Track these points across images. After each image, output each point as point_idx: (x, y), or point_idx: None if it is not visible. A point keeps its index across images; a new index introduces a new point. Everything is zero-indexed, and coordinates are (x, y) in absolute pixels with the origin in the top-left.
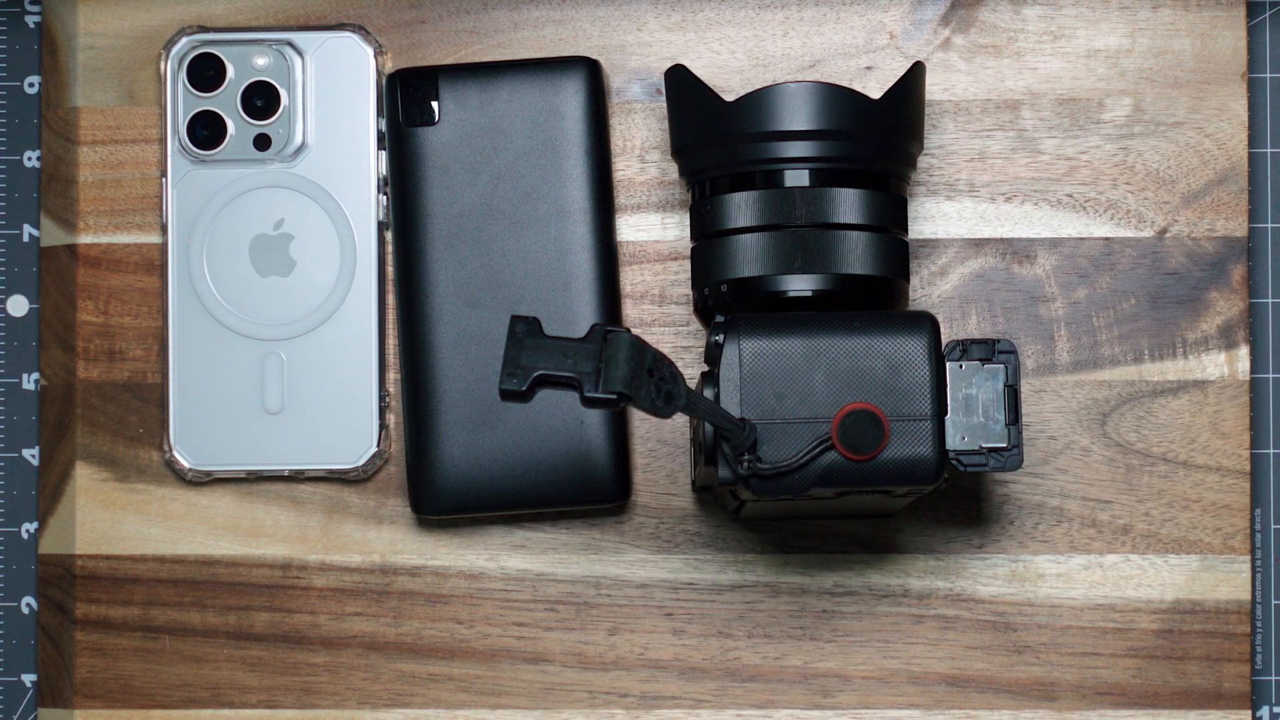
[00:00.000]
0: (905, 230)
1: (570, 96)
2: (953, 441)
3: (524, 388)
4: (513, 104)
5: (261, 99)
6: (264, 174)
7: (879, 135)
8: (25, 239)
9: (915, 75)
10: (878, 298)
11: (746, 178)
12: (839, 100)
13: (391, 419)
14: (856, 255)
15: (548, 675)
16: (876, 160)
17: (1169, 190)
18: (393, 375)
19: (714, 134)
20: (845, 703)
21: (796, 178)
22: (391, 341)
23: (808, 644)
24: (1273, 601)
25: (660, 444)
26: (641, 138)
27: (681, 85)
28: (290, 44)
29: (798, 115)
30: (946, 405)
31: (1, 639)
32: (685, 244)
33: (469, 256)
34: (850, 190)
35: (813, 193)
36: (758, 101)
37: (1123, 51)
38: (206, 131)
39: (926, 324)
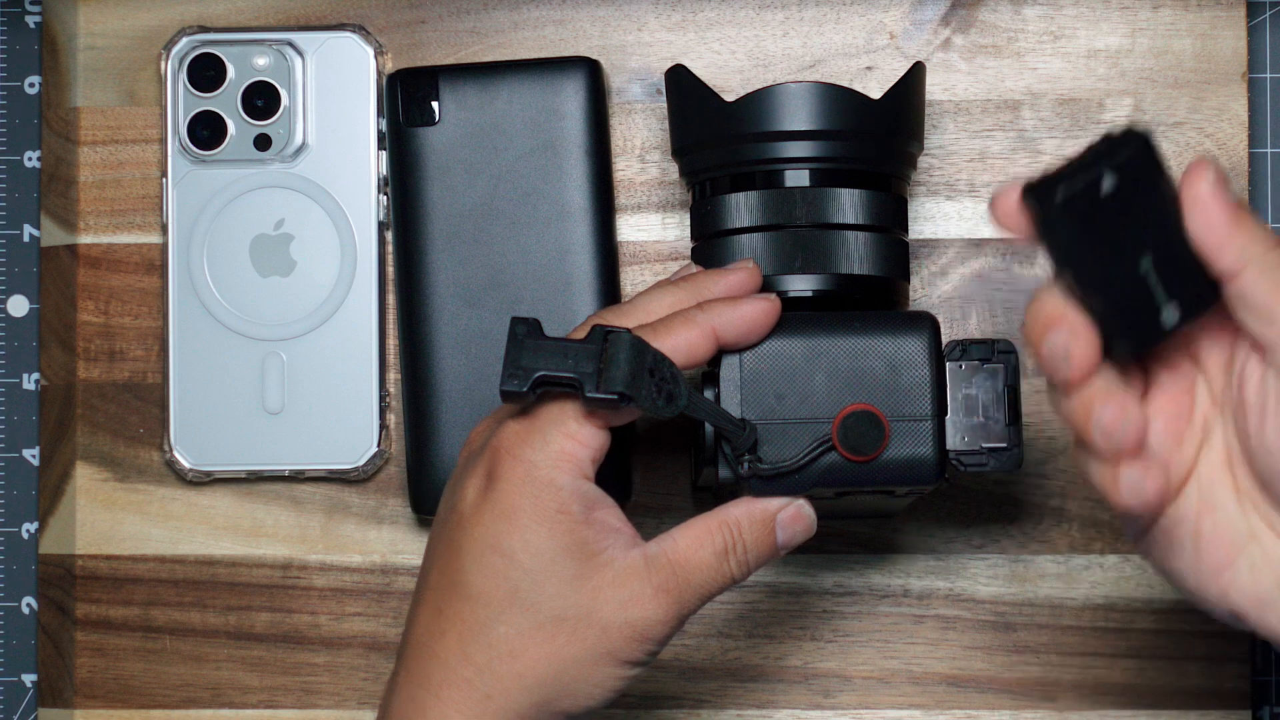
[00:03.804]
0: (905, 230)
1: (570, 96)
2: (953, 442)
3: (525, 389)
4: (513, 104)
5: (262, 99)
6: (264, 174)
7: (879, 135)
8: (25, 239)
9: (915, 75)
10: (878, 298)
11: (747, 178)
12: (839, 100)
13: (391, 419)
14: (857, 255)
15: None
16: (877, 160)
17: None
18: (393, 375)
19: (714, 134)
20: (845, 703)
21: (797, 178)
22: (391, 341)
23: (808, 644)
24: None
25: (660, 444)
26: (641, 138)
27: (682, 85)
28: (290, 44)
29: (798, 115)
30: (947, 405)
31: (2, 639)
32: (685, 244)
33: (469, 256)
34: (850, 190)
35: (813, 193)
36: (758, 101)
37: (1123, 52)
38: (207, 131)
39: (926, 324)
